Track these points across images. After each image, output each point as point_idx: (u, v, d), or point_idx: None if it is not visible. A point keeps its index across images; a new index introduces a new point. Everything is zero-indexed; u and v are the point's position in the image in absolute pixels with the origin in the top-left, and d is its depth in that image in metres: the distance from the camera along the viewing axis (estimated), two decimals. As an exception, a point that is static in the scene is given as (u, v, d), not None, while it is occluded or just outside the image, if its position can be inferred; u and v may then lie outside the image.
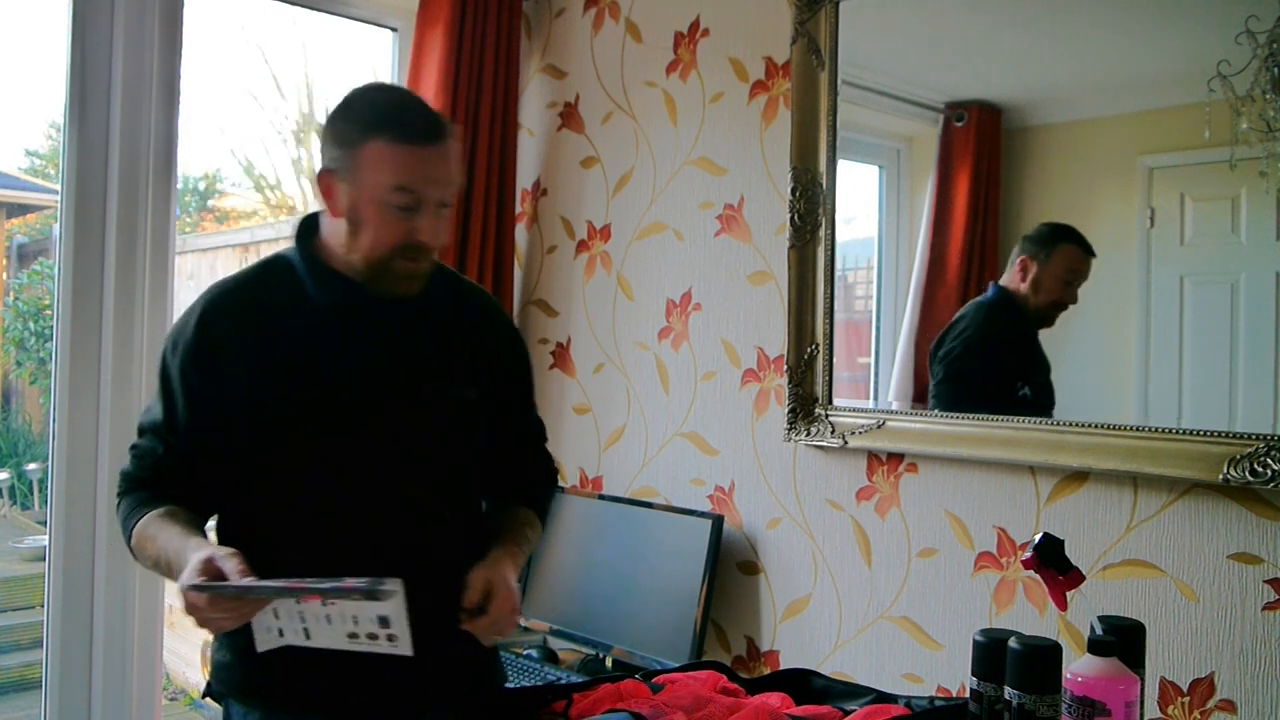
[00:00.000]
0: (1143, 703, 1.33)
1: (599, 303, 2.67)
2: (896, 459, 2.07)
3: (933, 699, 1.55)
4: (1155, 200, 1.77)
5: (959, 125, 2.03)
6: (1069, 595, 1.35)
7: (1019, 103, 1.97)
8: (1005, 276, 1.93)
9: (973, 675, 1.35)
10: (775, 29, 2.26)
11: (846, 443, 2.10)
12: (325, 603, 1.26)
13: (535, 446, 1.75)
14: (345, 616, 1.27)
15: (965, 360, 2.00)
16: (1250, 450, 1.59)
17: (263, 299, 1.50)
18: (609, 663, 2.33)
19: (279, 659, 1.39)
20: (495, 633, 1.47)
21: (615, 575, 2.37)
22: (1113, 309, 1.82)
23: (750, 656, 2.31)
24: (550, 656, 2.41)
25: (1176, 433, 1.68)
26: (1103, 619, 1.36)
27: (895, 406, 2.10)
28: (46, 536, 2.17)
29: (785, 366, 2.20)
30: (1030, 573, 1.38)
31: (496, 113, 2.68)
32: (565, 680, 2.05)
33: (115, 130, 2.17)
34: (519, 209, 2.84)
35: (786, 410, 2.19)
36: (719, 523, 2.25)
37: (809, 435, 2.16)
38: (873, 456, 2.10)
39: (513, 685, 1.71)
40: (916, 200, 2.11)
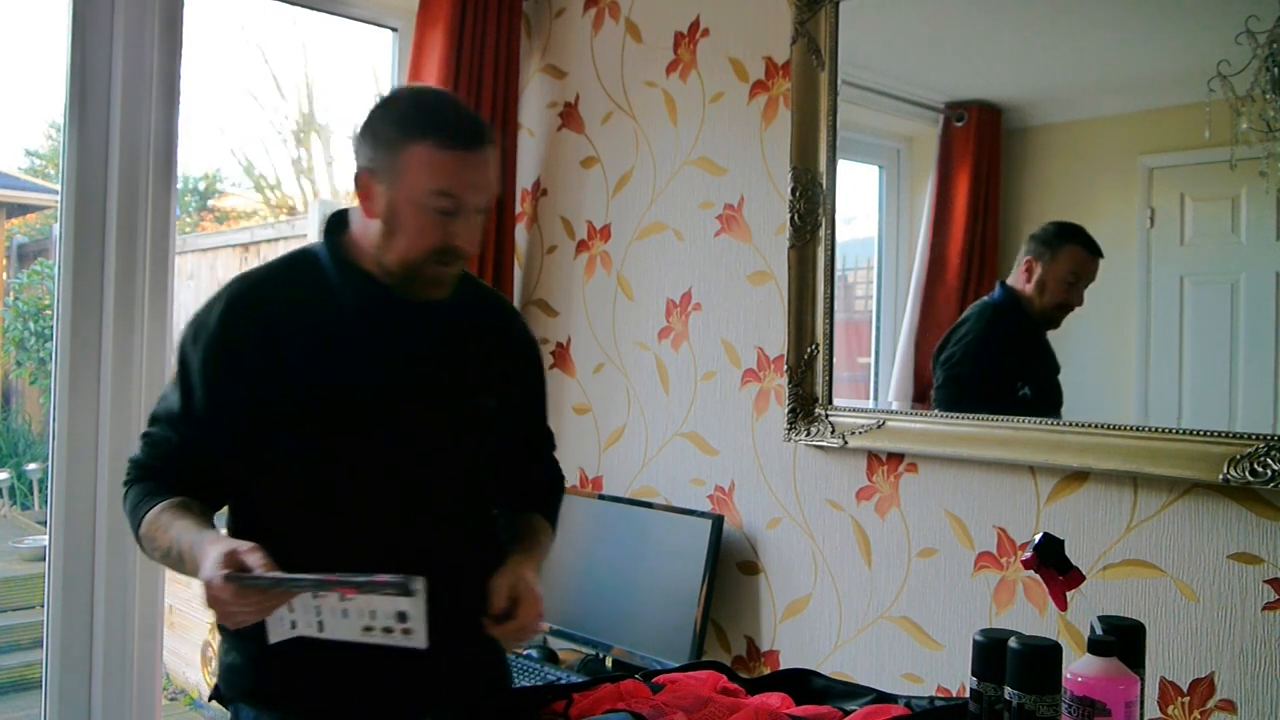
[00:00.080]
0: (1143, 703, 1.33)
1: (599, 303, 2.67)
2: (896, 459, 2.07)
3: (933, 699, 1.54)
4: (1155, 200, 1.77)
5: (959, 125, 2.03)
6: (1069, 595, 1.35)
7: (1019, 103, 1.97)
8: (1011, 276, 1.93)
9: (973, 675, 1.35)
10: (775, 29, 2.26)
11: (846, 443, 2.10)
12: (344, 597, 1.25)
13: (545, 455, 1.76)
14: (363, 611, 1.26)
15: (965, 365, 2.00)
16: (1250, 450, 1.59)
17: (289, 295, 1.48)
18: (609, 663, 2.33)
19: (291, 663, 1.39)
20: (521, 638, 1.48)
21: (615, 575, 2.37)
22: (1113, 309, 1.82)
23: (750, 656, 2.31)
24: (550, 656, 2.41)
25: (1176, 433, 1.68)
26: (1103, 619, 1.35)
27: (895, 406, 2.10)
28: (46, 536, 2.17)
29: (785, 366, 2.20)
30: (1030, 573, 1.38)
31: (496, 113, 2.68)
32: (565, 680, 2.05)
33: (115, 130, 2.17)
34: (519, 209, 2.85)
35: (786, 410, 2.19)
36: (719, 523, 2.25)
37: (809, 435, 2.16)
38: (873, 456, 2.10)
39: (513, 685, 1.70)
40: (916, 200, 2.11)
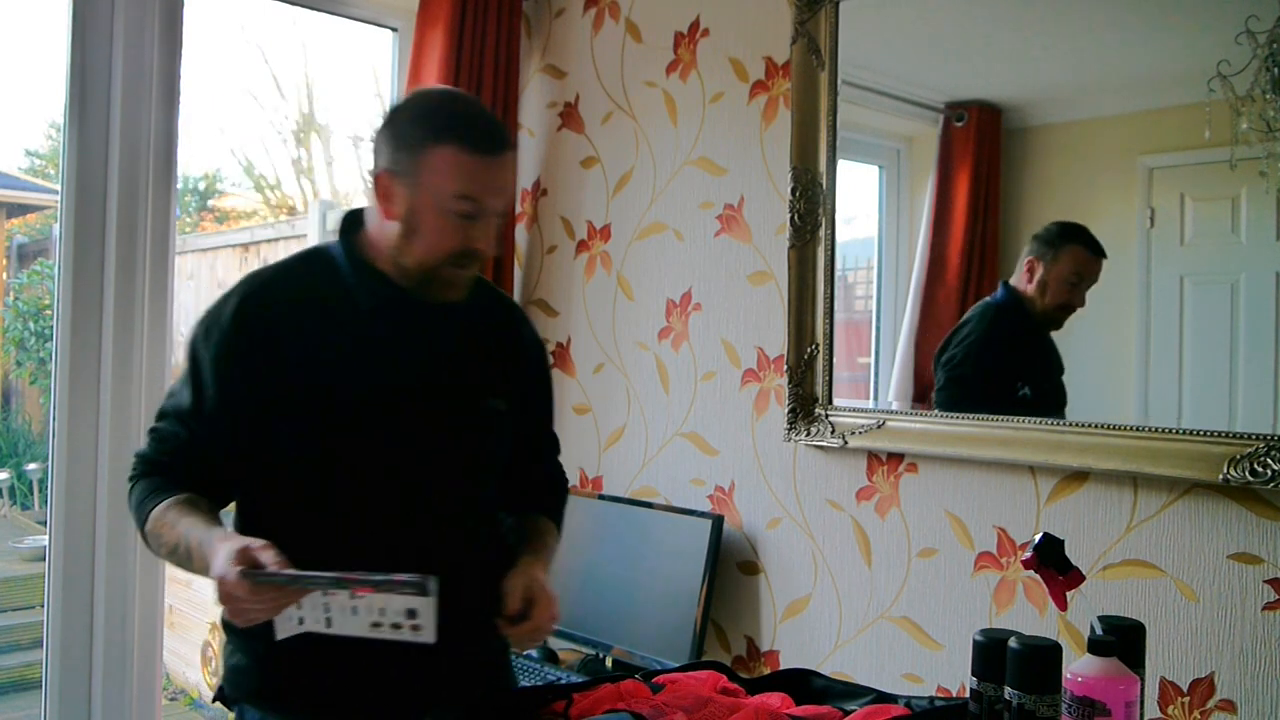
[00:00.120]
0: (1143, 703, 1.33)
1: (599, 303, 2.67)
2: (896, 459, 2.07)
3: (933, 699, 1.54)
4: (1155, 200, 1.77)
5: (959, 125, 2.03)
6: (1069, 595, 1.35)
7: (1019, 103, 1.97)
8: (1014, 276, 1.93)
9: (973, 675, 1.35)
10: (775, 29, 2.26)
11: (846, 443, 2.10)
12: (355, 595, 1.26)
13: (551, 460, 1.77)
14: (373, 608, 1.26)
15: (966, 366, 2.00)
16: (1250, 450, 1.59)
17: (303, 293, 1.47)
18: (609, 663, 2.33)
19: (297, 663, 1.39)
20: (536, 639, 1.49)
21: (615, 575, 2.37)
22: (1113, 309, 1.82)
23: (750, 656, 2.31)
24: (550, 656, 2.41)
25: (1176, 433, 1.68)
26: (1103, 619, 1.35)
27: (895, 406, 2.10)
28: (46, 536, 2.17)
29: (785, 366, 2.20)
30: (1030, 573, 1.38)
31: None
32: (565, 680, 2.05)
33: (115, 130, 2.17)
34: (519, 209, 2.85)
35: (786, 410, 2.19)
36: (719, 523, 2.25)
37: (809, 435, 2.16)
38: (873, 456, 2.10)
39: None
40: (916, 200, 2.11)
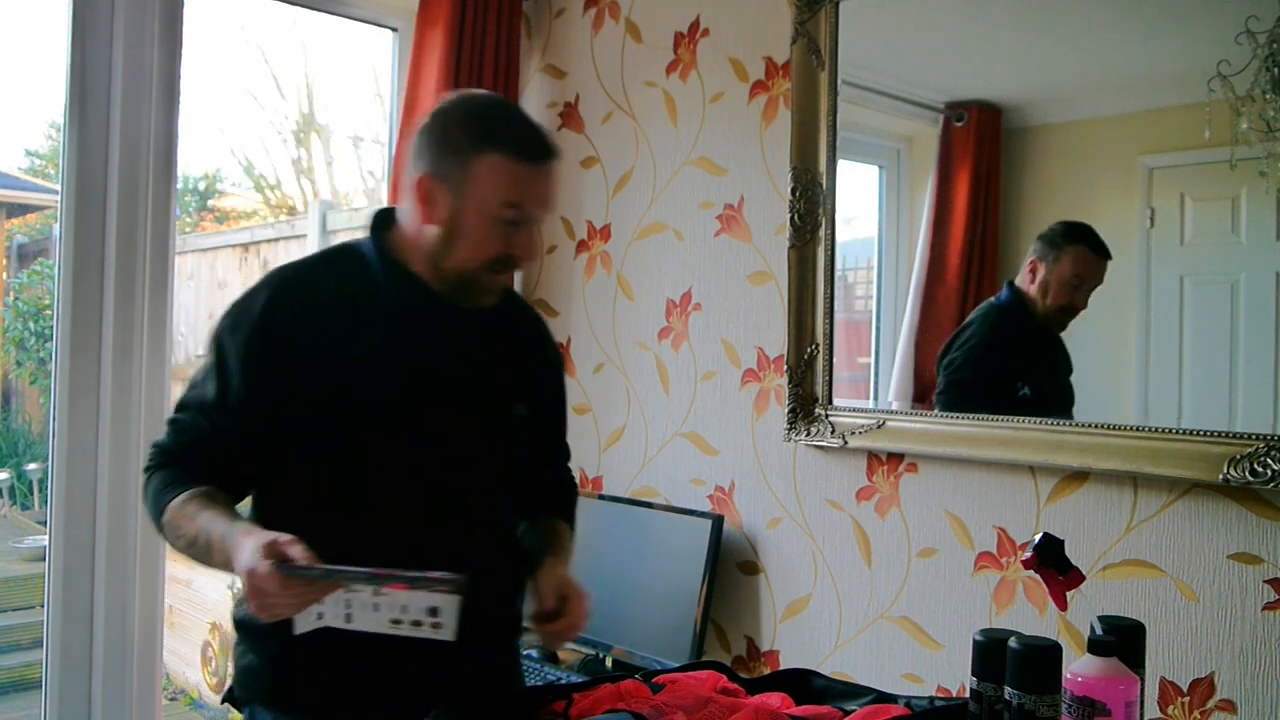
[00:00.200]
0: (1143, 703, 1.33)
1: (599, 303, 2.67)
2: (896, 459, 2.07)
3: (933, 699, 1.54)
4: (1155, 200, 1.77)
5: (959, 125, 2.03)
6: (1069, 595, 1.35)
7: (1019, 103, 1.97)
8: (1018, 277, 1.93)
9: (973, 675, 1.34)
10: (775, 29, 2.26)
11: (846, 443, 2.10)
12: (377, 591, 1.25)
13: (562, 465, 1.79)
14: (395, 605, 1.25)
15: (967, 369, 2.00)
16: (1250, 450, 1.59)
17: (333, 288, 1.47)
18: (609, 663, 2.33)
19: (311, 664, 1.39)
20: (569, 636, 1.50)
21: (615, 575, 2.37)
22: (1113, 309, 1.82)
23: (750, 656, 2.31)
24: (550, 656, 2.41)
25: (1176, 433, 1.68)
26: (1103, 619, 1.35)
27: (895, 406, 2.10)
28: (46, 536, 2.17)
29: (785, 366, 2.20)
30: (1030, 573, 1.38)
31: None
32: (565, 680, 2.05)
33: (115, 130, 2.16)
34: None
35: (786, 410, 2.19)
36: (719, 523, 2.25)
37: (809, 435, 2.16)
38: (873, 456, 2.10)
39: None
40: (916, 200, 2.11)
